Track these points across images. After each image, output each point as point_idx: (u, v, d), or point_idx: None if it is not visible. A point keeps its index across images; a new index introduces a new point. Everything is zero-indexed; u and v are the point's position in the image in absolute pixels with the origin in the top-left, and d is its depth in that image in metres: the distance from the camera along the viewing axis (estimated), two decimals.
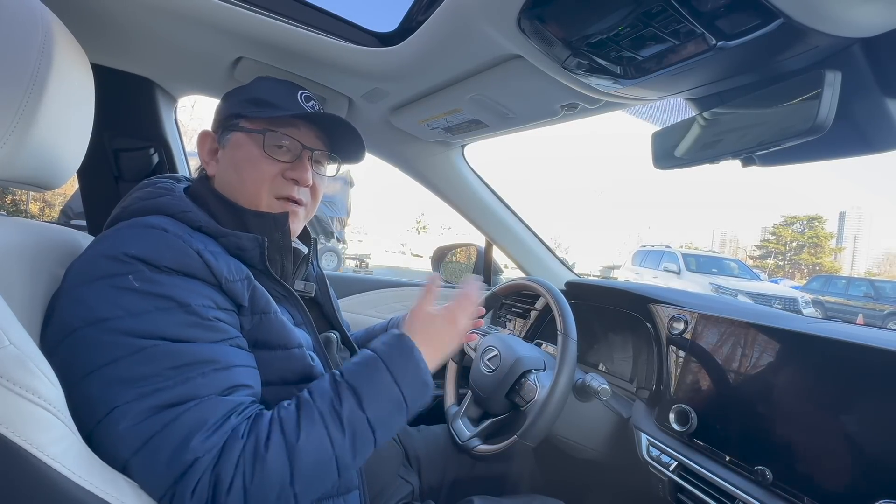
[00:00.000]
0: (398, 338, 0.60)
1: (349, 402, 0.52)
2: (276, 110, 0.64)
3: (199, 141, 0.69)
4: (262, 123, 0.64)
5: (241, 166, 0.64)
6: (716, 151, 0.71)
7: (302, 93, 0.69)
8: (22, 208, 11.85)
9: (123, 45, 0.91)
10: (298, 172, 0.66)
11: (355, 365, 0.56)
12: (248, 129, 0.64)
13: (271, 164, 0.64)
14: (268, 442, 0.47)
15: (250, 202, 0.64)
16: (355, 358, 0.58)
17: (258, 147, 0.64)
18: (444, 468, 0.94)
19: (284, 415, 0.50)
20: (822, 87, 0.54)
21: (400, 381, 0.55)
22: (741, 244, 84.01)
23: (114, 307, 0.46)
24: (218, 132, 0.67)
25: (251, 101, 0.65)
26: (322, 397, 0.52)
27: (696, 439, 0.80)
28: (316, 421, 0.50)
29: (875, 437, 0.59)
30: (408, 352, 0.58)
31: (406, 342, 0.59)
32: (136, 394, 0.44)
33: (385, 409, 0.54)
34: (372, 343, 0.60)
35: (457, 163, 1.38)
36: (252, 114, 0.64)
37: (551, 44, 0.65)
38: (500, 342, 0.99)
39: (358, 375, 0.55)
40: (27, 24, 0.45)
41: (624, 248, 31.10)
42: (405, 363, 0.57)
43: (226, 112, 0.67)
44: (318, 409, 0.51)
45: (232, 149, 0.65)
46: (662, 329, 0.97)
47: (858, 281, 12.34)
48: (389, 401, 0.54)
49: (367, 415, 0.52)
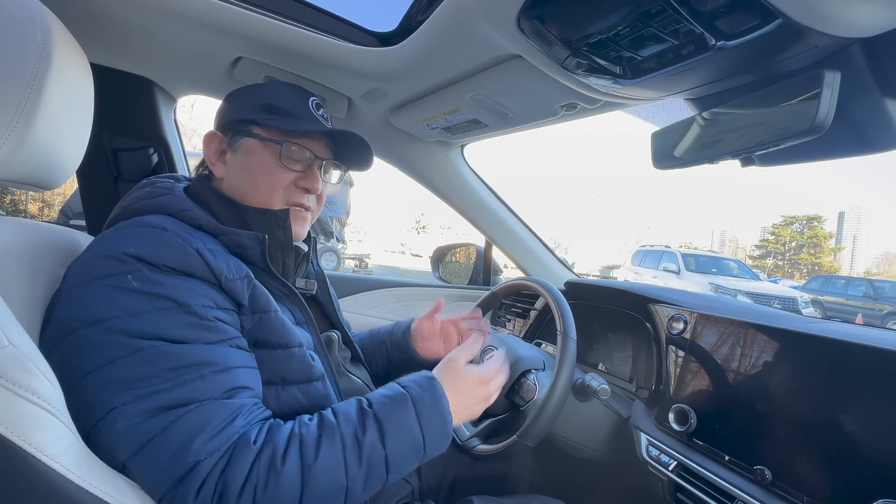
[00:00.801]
0: (430, 381, 0.59)
1: (372, 434, 0.51)
2: (292, 120, 0.65)
3: (205, 141, 0.68)
4: (278, 133, 0.64)
5: (255, 173, 0.64)
6: (715, 151, 0.71)
7: (313, 100, 0.69)
8: (21, 208, 11.84)
9: (123, 44, 0.91)
10: (310, 182, 0.67)
11: (384, 398, 0.56)
12: (263, 137, 0.64)
13: (285, 173, 0.65)
14: (285, 456, 0.46)
15: (261, 206, 0.64)
16: (384, 390, 0.57)
17: (273, 156, 0.64)
18: (444, 468, 0.94)
19: (305, 432, 0.49)
20: (821, 87, 0.54)
21: (424, 426, 0.54)
22: (740, 244, 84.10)
23: (112, 307, 0.46)
24: (227, 134, 0.66)
25: (265, 108, 0.65)
26: (347, 423, 0.51)
27: (696, 439, 0.80)
28: (336, 445, 0.49)
29: (874, 437, 0.59)
30: (438, 399, 0.57)
31: (438, 388, 0.58)
32: (134, 395, 0.44)
33: (404, 449, 0.53)
34: (402, 379, 0.60)
35: (456, 163, 1.38)
36: (267, 122, 0.64)
37: (551, 44, 0.65)
38: (499, 342, 0.99)
39: (385, 408, 0.54)
40: (26, 23, 0.45)
41: (623, 248, 31.14)
42: (433, 409, 0.56)
43: (237, 115, 0.66)
44: (340, 434, 0.50)
45: (245, 154, 0.65)
46: (662, 329, 0.97)
47: (857, 281, 12.35)
48: (410, 442, 0.54)
49: (387, 451, 0.51)
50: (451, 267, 1.85)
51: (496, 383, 0.68)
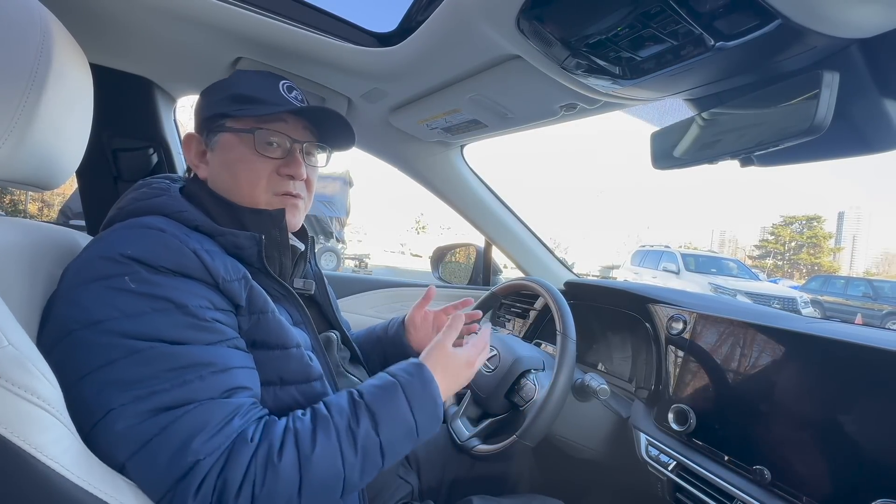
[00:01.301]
0: (418, 367, 0.60)
1: (365, 423, 0.52)
2: (262, 106, 0.63)
3: (184, 144, 0.67)
4: (250, 122, 0.63)
5: (235, 167, 0.63)
6: (714, 152, 0.71)
7: (284, 83, 0.67)
8: (20, 208, 11.83)
9: (122, 45, 0.91)
10: (292, 168, 0.65)
11: (374, 387, 0.56)
12: (236, 129, 0.63)
13: (264, 162, 0.63)
14: (281, 451, 0.47)
15: (249, 201, 0.64)
16: (374, 380, 0.58)
17: (249, 147, 0.63)
18: (444, 468, 0.94)
19: (300, 426, 0.50)
20: (820, 87, 0.54)
21: (416, 411, 0.56)
22: (740, 244, 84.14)
23: (109, 308, 0.46)
24: (203, 133, 0.65)
25: (234, 99, 0.63)
26: (340, 414, 0.52)
27: (695, 439, 0.80)
28: (331, 436, 0.50)
29: (873, 437, 0.59)
30: (427, 383, 0.59)
31: (426, 373, 0.60)
32: (133, 396, 0.43)
33: (398, 435, 0.54)
34: (391, 368, 0.61)
35: (456, 163, 1.38)
36: (237, 112, 0.62)
37: (550, 44, 0.65)
38: (499, 342, 0.99)
39: (376, 398, 0.55)
40: (26, 24, 0.44)
41: (623, 248, 31.14)
42: (423, 394, 0.58)
43: (208, 112, 0.65)
44: (334, 426, 0.51)
45: (222, 151, 0.64)
46: (661, 329, 0.97)
47: (857, 281, 12.35)
48: (403, 428, 0.55)
49: (381, 438, 0.52)
50: (450, 267, 1.85)
51: (481, 360, 0.70)
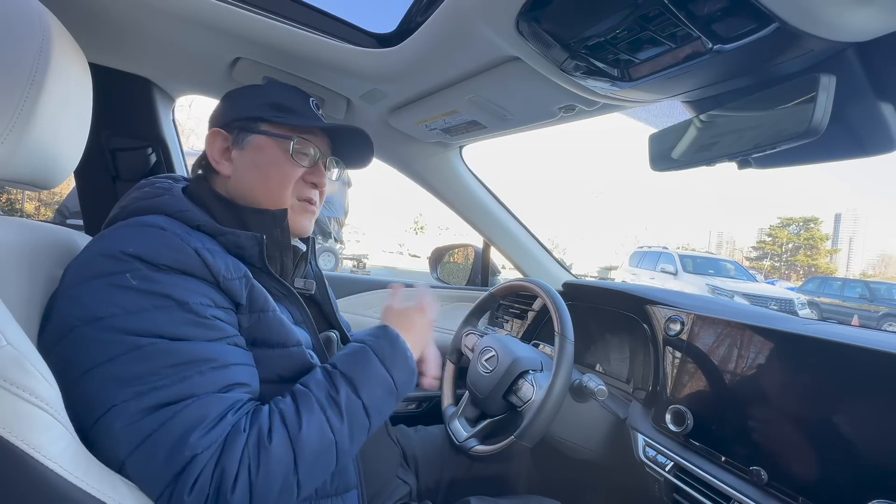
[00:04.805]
0: (382, 328, 0.64)
1: (344, 389, 0.54)
2: (300, 118, 0.68)
3: (209, 140, 0.68)
4: (287, 129, 0.67)
5: (266, 168, 0.66)
6: (712, 153, 0.71)
7: (313, 100, 0.73)
8: (17, 207, 11.78)
9: (122, 44, 0.91)
10: (317, 177, 0.70)
11: (346, 356, 0.59)
12: (273, 133, 0.66)
13: (295, 167, 0.67)
14: (270, 433, 0.48)
15: (274, 202, 0.66)
16: (344, 350, 0.61)
17: (284, 151, 0.66)
18: (442, 468, 0.95)
19: (283, 406, 0.51)
20: (816, 90, 0.54)
21: (390, 368, 0.59)
22: (737, 246, 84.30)
23: (111, 305, 0.46)
24: (233, 133, 0.67)
25: (273, 106, 0.68)
26: (318, 387, 0.54)
27: (693, 440, 0.80)
28: (315, 409, 0.51)
29: (869, 438, 0.59)
30: (394, 339, 0.63)
31: (391, 331, 0.64)
32: (134, 392, 0.44)
33: (378, 394, 0.57)
34: (357, 335, 0.64)
35: (455, 164, 1.38)
36: (276, 118, 0.66)
37: (549, 46, 0.65)
38: (497, 343, 0.99)
39: (350, 364, 0.58)
40: (25, 23, 0.44)
41: (621, 250, 31.21)
42: (393, 350, 0.61)
43: (243, 113, 0.67)
44: (315, 398, 0.52)
45: (254, 151, 0.66)
46: (659, 330, 0.98)
47: (854, 282, 12.39)
48: (382, 386, 0.57)
49: (363, 400, 0.55)
50: (449, 268, 1.85)
51: (432, 308, 0.77)
